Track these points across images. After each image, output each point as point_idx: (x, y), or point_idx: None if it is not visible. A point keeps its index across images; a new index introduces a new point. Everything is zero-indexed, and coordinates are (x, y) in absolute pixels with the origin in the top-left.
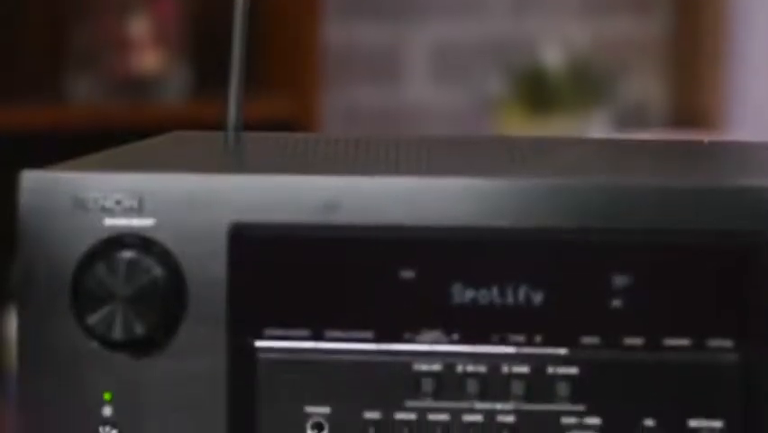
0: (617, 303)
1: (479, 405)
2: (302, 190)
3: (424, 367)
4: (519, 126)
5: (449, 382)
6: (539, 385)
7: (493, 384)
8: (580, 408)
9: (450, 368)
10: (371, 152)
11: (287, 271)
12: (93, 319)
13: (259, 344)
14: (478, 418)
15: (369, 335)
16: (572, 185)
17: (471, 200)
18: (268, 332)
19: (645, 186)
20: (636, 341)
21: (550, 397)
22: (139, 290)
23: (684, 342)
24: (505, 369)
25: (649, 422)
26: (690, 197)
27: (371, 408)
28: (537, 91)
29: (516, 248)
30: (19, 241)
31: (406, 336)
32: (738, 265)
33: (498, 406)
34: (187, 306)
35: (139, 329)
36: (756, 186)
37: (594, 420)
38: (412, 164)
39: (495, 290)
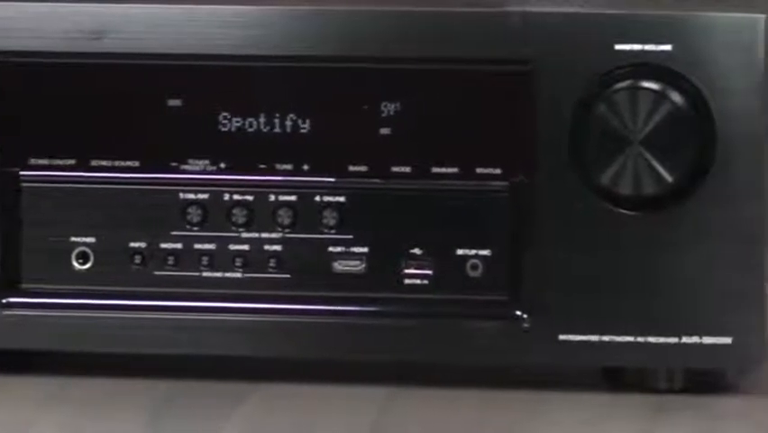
0: (385, 131)
1: (245, 234)
2: (69, 17)
3: (190, 196)
4: None
5: (215, 211)
6: (306, 214)
7: (260, 213)
8: (348, 236)
9: (216, 197)
10: None
11: (52, 100)
12: None
13: (24, 173)
14: (244, 247)
15: (135, 163)
16: (342, 12)
17: (240, 28)
18: (33, 161)
19: (413, 12)
20: (404, 169)
21: (317, 226)
22: None
23: (453, 170)
24: (272, 198)
25: (416, 251)
26: (459, 23)
27: (137, 237)
28: None
29: (284, 76)
30: None
31: (173, 164)
32: (506, 92)
33: (265, 235)
34: None
35: None
36: (525, 11)
37: (361, 249)
38: None
39: (262, 118)
